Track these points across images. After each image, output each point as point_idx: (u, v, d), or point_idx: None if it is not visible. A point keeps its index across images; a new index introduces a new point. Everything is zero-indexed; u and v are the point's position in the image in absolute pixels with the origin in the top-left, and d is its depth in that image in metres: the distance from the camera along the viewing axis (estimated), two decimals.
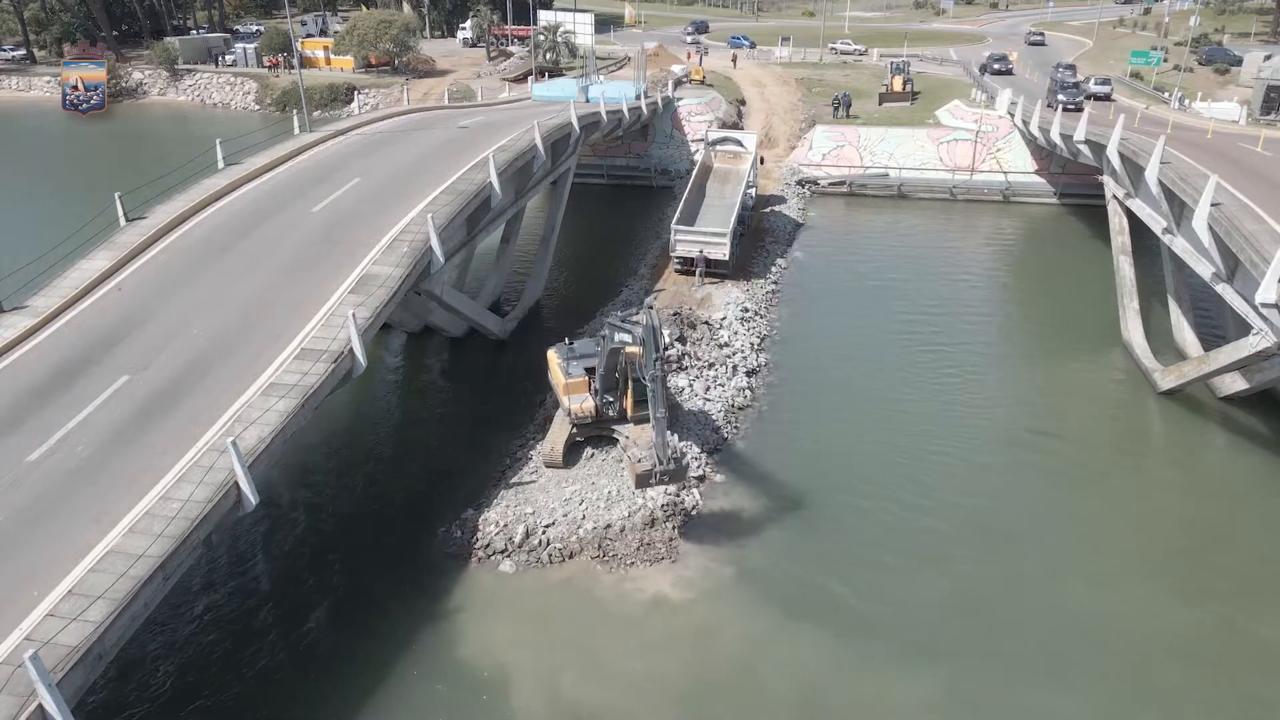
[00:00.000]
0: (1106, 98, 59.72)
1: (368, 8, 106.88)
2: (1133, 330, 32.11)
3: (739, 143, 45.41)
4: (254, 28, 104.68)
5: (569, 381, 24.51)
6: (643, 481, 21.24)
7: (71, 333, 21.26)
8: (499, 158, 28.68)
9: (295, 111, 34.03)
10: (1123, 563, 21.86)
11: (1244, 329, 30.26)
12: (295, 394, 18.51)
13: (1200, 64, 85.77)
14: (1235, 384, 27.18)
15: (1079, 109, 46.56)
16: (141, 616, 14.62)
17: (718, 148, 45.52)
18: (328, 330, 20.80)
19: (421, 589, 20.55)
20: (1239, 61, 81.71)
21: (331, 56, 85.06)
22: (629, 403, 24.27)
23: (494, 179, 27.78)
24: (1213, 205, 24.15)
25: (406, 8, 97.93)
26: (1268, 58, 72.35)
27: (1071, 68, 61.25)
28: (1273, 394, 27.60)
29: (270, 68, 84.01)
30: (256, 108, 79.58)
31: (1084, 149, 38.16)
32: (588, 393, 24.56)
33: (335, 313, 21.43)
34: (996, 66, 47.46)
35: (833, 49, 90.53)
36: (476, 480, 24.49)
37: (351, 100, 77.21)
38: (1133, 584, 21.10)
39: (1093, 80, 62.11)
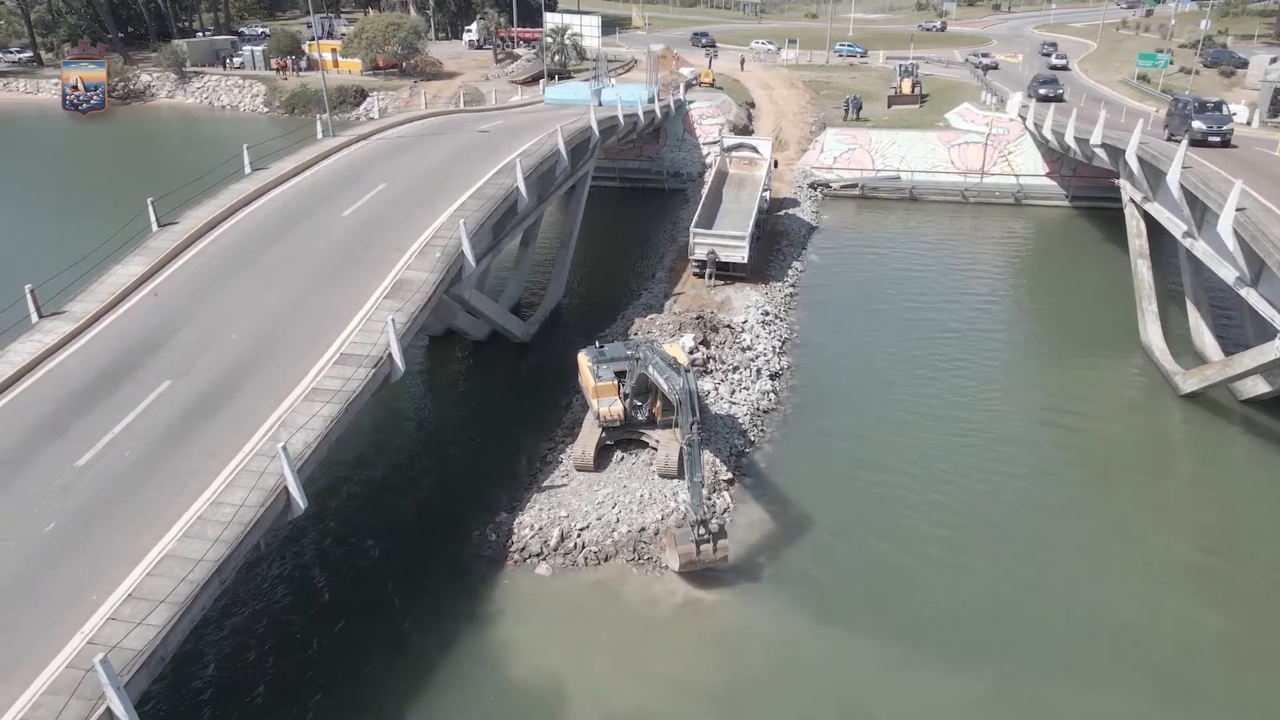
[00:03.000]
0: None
1: (371, 10, 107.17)
2: (1152, 333, 32.34)
3: (754, 149, 45.71)
4: (259, 30, 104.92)
5: (599, 385, 24.68)
6: (687, 559, 20.37)
7: (111, 337, 21.43)
8: (525, 163, 28.85)
9: (319, 116, 34.05)
10: (1155, 564, 22.06)
11: (1263, 332, 30.62)
12: (339, 399, 18.69)
13: (1205, 66, 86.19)
14: (1257, 387, 27.40)
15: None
16: (197, 619, 14.81)
17: (733, 154, 45.79)
18: (365, 335, 20.99)
19: (460, 592, 20.71)
20: (1244, 64, 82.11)
21: (339, 59, 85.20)
22: (658, 408, 24.45)
23: (520, 184, 27.97)
24: (1238, 210, 24.38)
25: (413, 10, 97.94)
26: (1274, 60, 72.70)
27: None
28: None
29: (278, 70, 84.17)
30: (265, 110, 79.74)
31: (1100, 153, 38.37)
32: (616, 396, 24.74)
33: (372, 317, 21.64)
34: (1044, 91, 43.52)
35: (836, 51, 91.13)
36: (507, 483, 24.67)
37: (361, 103, 77.72)
38: (1166, 585, 21.32)
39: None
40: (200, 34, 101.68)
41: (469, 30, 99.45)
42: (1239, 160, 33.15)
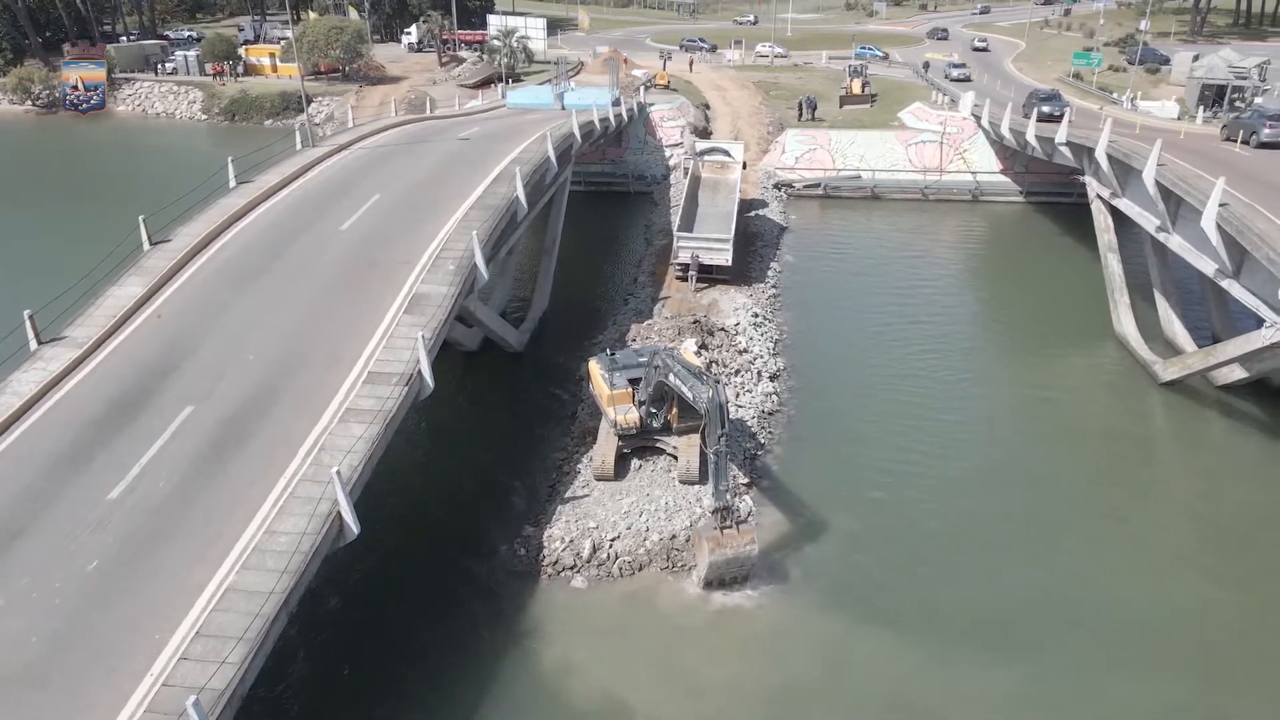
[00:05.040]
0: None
1: (307, 14, 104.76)
2: (1126, 324, 33.64)
3: (726, 153, 46.15)
4: (186, 33, 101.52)
5: (614, 393, 24.60)
6: (715, 544, 20.17)
7: (119, 363, 20.59)
8: (522, 170, 28.59)
9: (296, 125, 33.19)
10: (1163, 550, 22.98)
11: (1230, 321, 32.20)
12: (378, 419, 18.32)
13: (1129, 64, 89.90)
14: (1234, 374, 28.74)
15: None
16: (268, 654, 14.35)
17: (705, 158, 46.13)
18: (390, 352, 20.60)
19: (498, 609, 20.46)
20: (1167, 61, 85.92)
21: (279, 64, 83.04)
22: (674, 414, 24.50)
23: (520, 193, 27.73)
24: (1221, 205, 25.56)
25: (353, 13, 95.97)
26: (1196, 58, 76.27)
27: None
28: (1266, 382, 29.20)
29: (215, 75, 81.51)
30: (204, 118, 77.17)
31: (1065, 151, 39.73)
32: (631, 404, 24.70)
33: (393, 334, 21.23)
34: (1046, 109, 44.58)
35: (757, 54, 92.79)
36: (526, 497, 24.45)
37: (304, 109, 75.77)
38: (1176, 570, 22.21)
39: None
40: (125, 38, 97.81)
41: (408, 33, 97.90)
42: (1204, 156, 34.57)
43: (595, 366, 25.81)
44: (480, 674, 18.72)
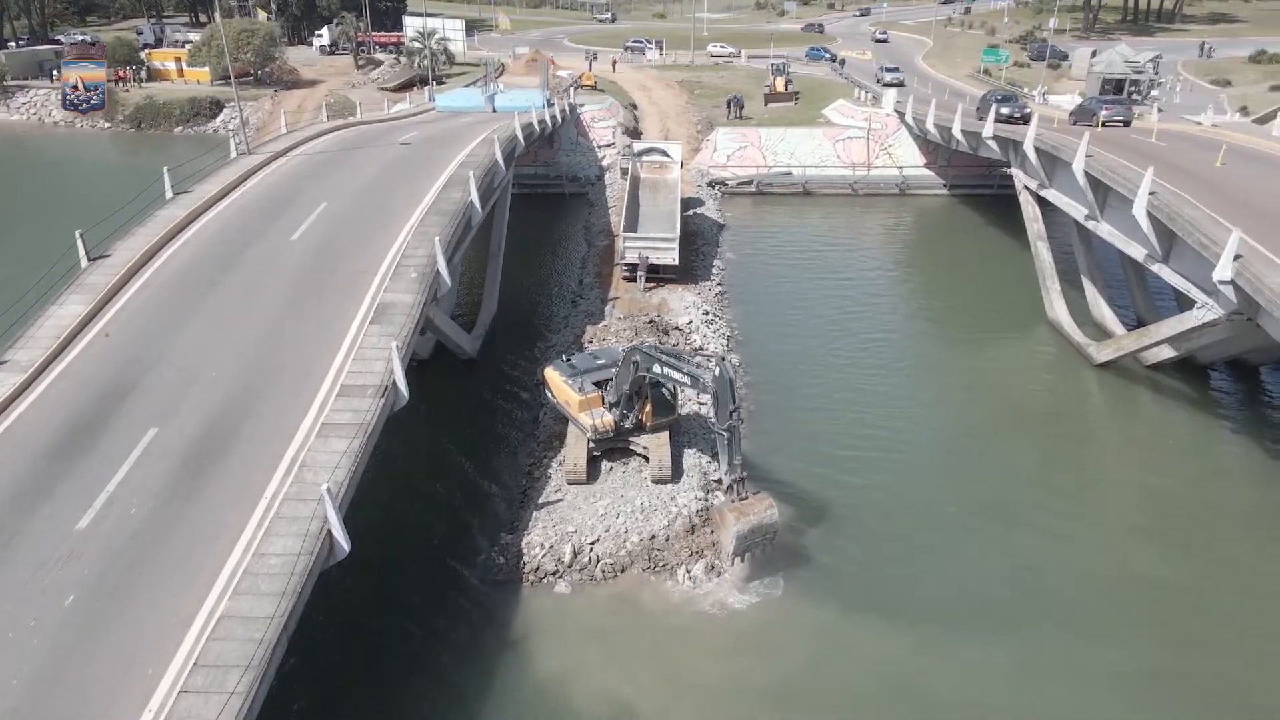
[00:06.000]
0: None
1: (200, 16, 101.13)
2: (1059, 309, 35.12)
3: (665, 153, 46.41)
4: (80, 37, 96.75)
5: (584, 398, 24.45)
6: (738, 514, 20.57)
7: (70, 386, 19.54)
8: (476, 174, 28.21)
9: (232, 134, 32.01)
10: (1115, 520, 24.12)
11: (1153, 303, 33.95)
12: (359, 433, 17.84)
13: (1032, 60, 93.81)
14: (1162, 353, 30.31)
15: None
16: (271, 680, 13.85)
17: (644, 158, 46.26)
18: (361, 364, 20.10)
19: (483, 619, 20.15)
20: (1066, 57, 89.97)
21: (185, 68, 79.92)
22: (648, 412, 24.54)
23: (475, 197, 27.35)
24: (1150, 194, 26.91)
25: (263, 15, 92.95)
26: (1094, 53, 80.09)
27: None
28: (1190, 360, 30.89)
29: (117, 81, 77.86)
30: (107, 126, 73.56)
31: (992, 144, 41.21)
32: (603, 407, 24.61)
33: (362, 345, 20.72)
34: (1005, 111, 43.57)
35: (710, 54, 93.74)
36: (499, 504, 24.16)
37: (217, 115, 73.11)
38: (1130, 538, 23.37)
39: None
40: (15, 43, 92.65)
41: (319, 35, 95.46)
42: (1123, 147, 36.25)
43: (555, 375, 25.51)
44: (475, 686, 18.42)
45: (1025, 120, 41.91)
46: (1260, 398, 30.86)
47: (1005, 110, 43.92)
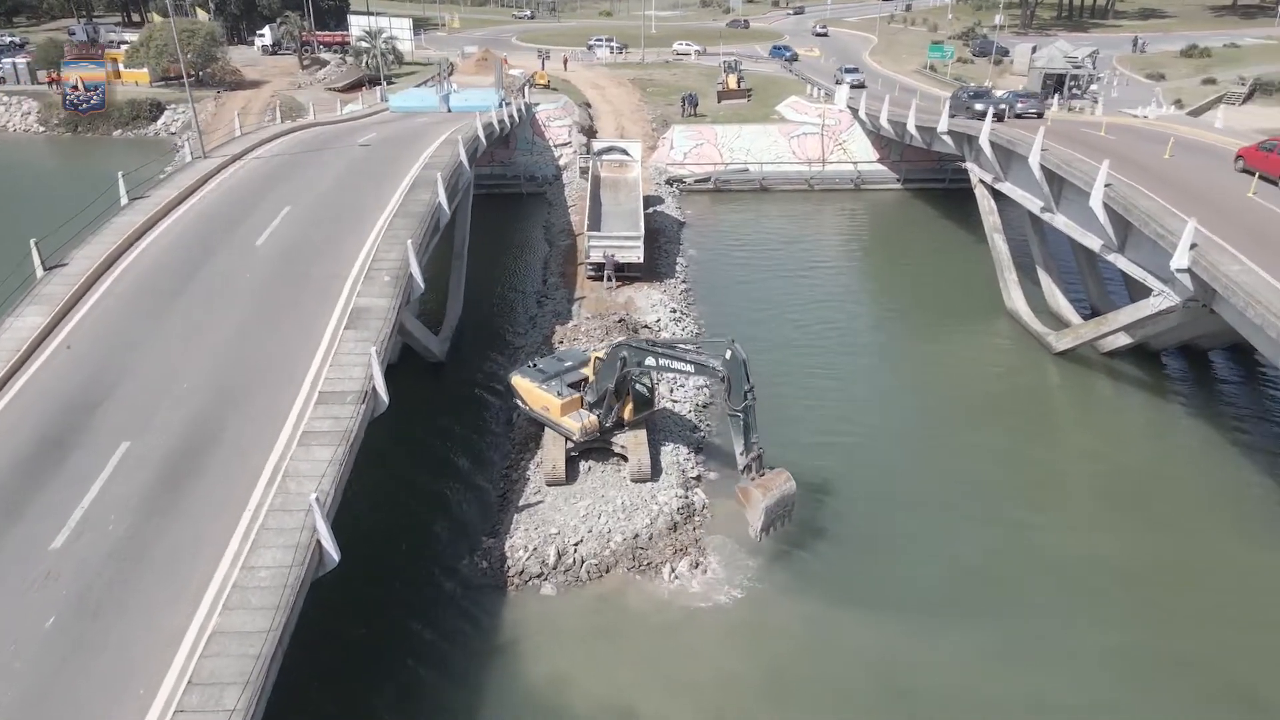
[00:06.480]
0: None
1: (132, 16, 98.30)
2: (1017, 300, 35.93)
3: (625, 152, 46.41)
4: (8, 39, 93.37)
5: (564, 401, 24.28)
6: (764, 489, 21.34)
7: (34, 401, 18.88)
8: (443, 175, 27.88)
9: (185, 138, 31.20)
10: (1085, 501, 24.87)
11: (1104, 293, 34.93)
12: (342, 441, 17.53)
13: (975, 55, 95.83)
14: (1118, 340, 31.19)
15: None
16: (268, 695, 13.54)
17: (604, 157, 46.18)
18: (338, 370, 19.73)
19: (471, 625, 19.96)
20: (1007, 53, 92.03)
21: (123, 69, 77.54)
22: (629, 410, 24.52)
23: (443, 198, 27.05)
24: (1106, 186, 27.67)
25: (202, 14, 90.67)
26: (1035, 49, 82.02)
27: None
28: (1144, 347, 31.84)
29: (51, 84, 75.26)
30: (41, 130, 71.13)
31: (947, 139, 41.96)
32: (583, 408, 24.51)
33: (338, 351, 20.36)
34: (979, 107, 41.49)
35: (676, 52, 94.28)
36: (477, 508, 23.94)
37: (158, 117, 71.16)
38: (1099, 517, 24.04)
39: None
40: None
41: (261, 35, 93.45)
42: (1077, 141, 37.15)
43: (525, 382, 25.15)
44: (465, 694, 18.25)
45: (1020, 116, 41.38)
46: (1211, 382, 31.94)
47: (979, 106, 42.06)
